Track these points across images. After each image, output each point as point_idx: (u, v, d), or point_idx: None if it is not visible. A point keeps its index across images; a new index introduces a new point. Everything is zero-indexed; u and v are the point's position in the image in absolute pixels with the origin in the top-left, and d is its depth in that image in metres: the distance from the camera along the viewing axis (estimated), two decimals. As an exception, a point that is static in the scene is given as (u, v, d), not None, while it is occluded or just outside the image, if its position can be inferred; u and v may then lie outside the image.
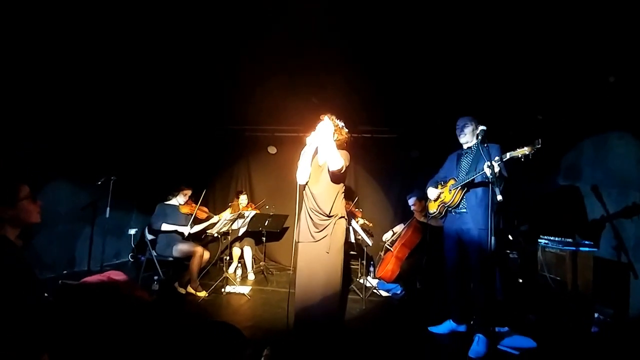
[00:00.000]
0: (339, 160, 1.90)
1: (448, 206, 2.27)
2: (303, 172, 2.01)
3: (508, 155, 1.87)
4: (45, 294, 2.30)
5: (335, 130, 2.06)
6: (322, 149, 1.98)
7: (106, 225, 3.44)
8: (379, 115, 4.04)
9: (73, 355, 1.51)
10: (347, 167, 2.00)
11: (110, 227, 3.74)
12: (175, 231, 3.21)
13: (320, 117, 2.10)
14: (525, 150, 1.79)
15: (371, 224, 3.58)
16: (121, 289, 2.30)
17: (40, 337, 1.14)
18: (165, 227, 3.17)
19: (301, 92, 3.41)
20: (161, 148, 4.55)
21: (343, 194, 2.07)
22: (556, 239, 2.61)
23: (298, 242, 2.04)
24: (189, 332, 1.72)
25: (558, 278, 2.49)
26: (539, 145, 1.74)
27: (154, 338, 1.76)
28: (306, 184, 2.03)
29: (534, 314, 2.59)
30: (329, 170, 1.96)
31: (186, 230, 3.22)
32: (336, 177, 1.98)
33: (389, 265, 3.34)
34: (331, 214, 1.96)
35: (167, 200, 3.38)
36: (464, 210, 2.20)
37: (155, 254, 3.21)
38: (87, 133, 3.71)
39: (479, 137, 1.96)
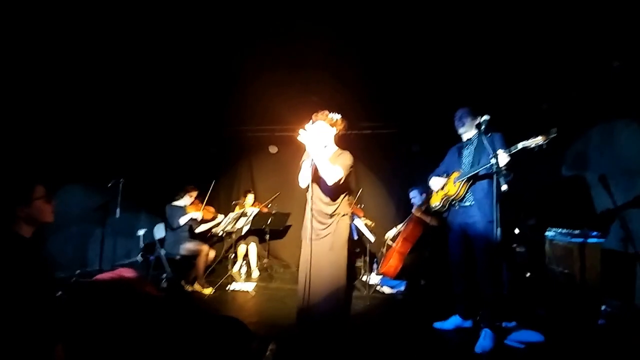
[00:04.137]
0: (333, 174, 1.85)
1: (453, 199, 2.23)
2: (304, 177, 1.99)
3: (520, 145, 1.79)
4: (60, 292, 2.39)
5: (331, 125, 2.02)
6: (317, 164, 1.90)
7: (116, 226, 3.54)
8: (378, 111, 4.03)
9: (87, 346, 1.57)
10: (351, 171, 1.96)
11: (121, 228, 3.84)
12: (183, 231, 3.30)
13: (313, 118, 2.02)
14: (539, 139, 1.70)
15: (373, 224, 3.57)
16: (132, 285, 2.37)
17: (53, 329, 1.19)
18: (183, 219, 3.30)
19: (300, 91, 3.44)
20: (166, 150, 4.65)
21: (346, 195, 2.05)
22: (563, 231, 2.56)
23: (305, 239, 2.04)
24: (197, 326, 1.77)
25: (566, 271, 2.44)
26: (555, 135, 1.64)
27: (163, 331, 1.80)
28: (309, 186, 2.00)
29: (542, 307, 2.54)
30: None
31: (199, 215, 3.37)
32: (337, 187, 1.94)
33: (392, 261, 3.33)
34: (334, 214, 1.97)
35: (174, 202, 3.47)
36: (469, 203, 2.17)
37: (163, 252, 3.29)
38: (96, 137, 3.82)
39: (482, 127, 1.91)
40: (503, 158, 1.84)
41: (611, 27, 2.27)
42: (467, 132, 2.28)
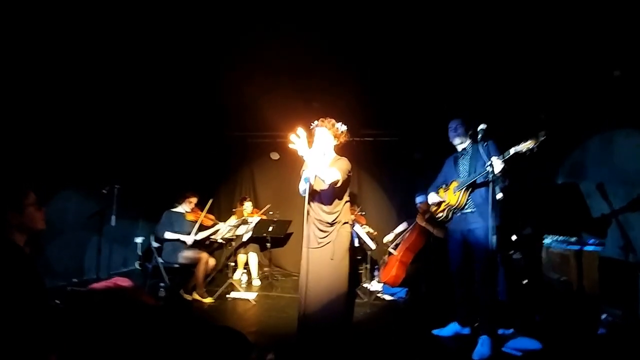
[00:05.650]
0: (330, 176, 1.83)
1: (455, 209, 2.26)
2: (304, 187, 1.98)
3: (512, 151, 1.85)
4: (57, 301, 2.37)
5: (334, 135, 2.03)
6: (313, 169, 1.89)
7: (113, 234, 3.52)
8: (380, 118, 4.07)
9: (82, 356, 1.55)
10: (349, 176, 1.96)
11: (117, 236, 3.81)
12: (178, 240, 3.26)
13: (319, 123, 2.03)
14: (530, 143, 1.76)
15: (375, 232, 3.58)
16: (127, 294, 2.35)
17: (47, 339, 1.17)
18: (168, 235, 3.24)
19: (302, 97, 3.48)
20: (165, 156, 4.63)
21: (347, 203, 2.04)
22: (560, 238, 2.59)
23: (305, 247, 2.04)
24: (192, 337, 1.75)
25: (563, 278, 2.46)
26: (544, 137, 1.71)
27: (159, 342, 1.79)
28: (310, 194, 1.99)
29: (539, 315, 2.55)
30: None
31: (189, 239, 3.26)
32: (336, 190, 1.94)
33: (394, 270, 3.34)
34: (334, 222, 1.97)
35: (173, 208, 3.45)
36: (470, 210, 2.19)
37: (161, 261, 3.27)
38: (93, 142, 3.78)
39: (479, 136, 1.96)
40: (497, 165, 1.88)
41: (612, 36, 2.31)
42: (462, 143, 2.33)
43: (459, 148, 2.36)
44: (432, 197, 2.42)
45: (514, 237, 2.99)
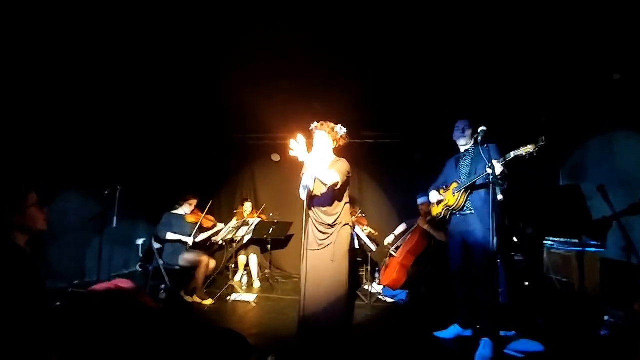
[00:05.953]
0: (329, 178, 1.84)
1: (453, 209, 2.27)
2: (304, 193, 2.00)
3: (512, 154, 1.88)
4: (58, 303, 2.37)
5: (333, 139, 2.04)
6: (312, 172, 1.90)
7: (114, 236, 3.52)
8: (381, 120, 4.08)
9: (82, 358, 1.55)
10: (348, 177, 1.97)
11: (119, 237, 3.82)
12: (180, 241, 3.27)
13: (318, 127, 2.04)
14: (530, 148, 1.80)
15: (377, 233, 3.57)
16: (128, 296, 2.35)
17: (48, 340, 1.17)
18: (170, 235, 3.25)
19: (303, 99, 3.48)
20: (166, 158, 4.65)
21: (347, 204, 2.05)
22: (561, 240, 2.58)
23: (306, 249, 2.03)
24: (193, 339, 1.75)
25: (565, 280, 2.45)
26: (543, 143, 1.75)
27: (159, 344, 1.78)
28: (310, 197, 2.01)
29: (541, 317, 2.54)
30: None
31: (190, 240, 3.28)
32: (335, 191, 1.95)
33: (395, 273, 3.32)
34: (335, 224, 1.97)
35: (173, 210, 3.46)
36: (469, 212, 2.20)
37: (162, 262, 3.27)
38: (94, 143, 3.79)
39: (480, 138, 1.98)
40: (498, 168, 1.89)
41: (612, 39, 2.33)
42: (466, 144, 2.34)
43: (462, 149, 2.37)
44: (433, 195, 2.43)
45: (515, 239, 2.99)
